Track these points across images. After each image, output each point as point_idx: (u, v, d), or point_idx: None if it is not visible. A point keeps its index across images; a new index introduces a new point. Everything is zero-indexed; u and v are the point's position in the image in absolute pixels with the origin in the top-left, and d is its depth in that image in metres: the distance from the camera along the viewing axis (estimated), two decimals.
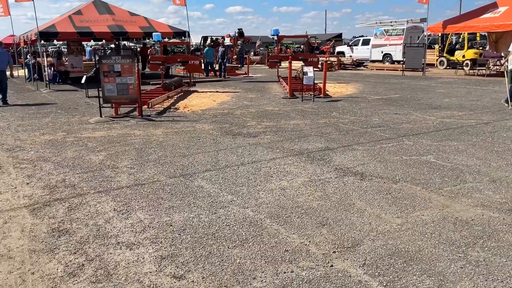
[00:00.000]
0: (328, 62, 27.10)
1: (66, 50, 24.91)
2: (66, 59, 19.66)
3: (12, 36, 25.03)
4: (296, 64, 22.77)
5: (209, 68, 20.43)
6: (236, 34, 36.63)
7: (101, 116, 9.35)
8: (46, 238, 3.59)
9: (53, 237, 3.60)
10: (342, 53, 32.86)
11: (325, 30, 78.72)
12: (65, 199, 4.50)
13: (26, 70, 21.17)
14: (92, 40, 29.10)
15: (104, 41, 26.25)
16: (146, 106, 10.14)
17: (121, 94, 9.27)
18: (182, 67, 16.40)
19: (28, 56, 21.69)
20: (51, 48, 36.58)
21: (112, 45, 24.63)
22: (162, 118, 9.48)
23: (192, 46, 16.52)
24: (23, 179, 5.19)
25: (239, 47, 33.52)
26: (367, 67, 26.66)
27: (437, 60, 24.77)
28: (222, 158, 6.04)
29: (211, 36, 25.04)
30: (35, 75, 19.33)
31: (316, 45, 18.73)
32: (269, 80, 18.83)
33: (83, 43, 25.47)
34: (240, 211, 4.11)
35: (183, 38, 20.92)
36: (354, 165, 5.61)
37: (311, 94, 13.08)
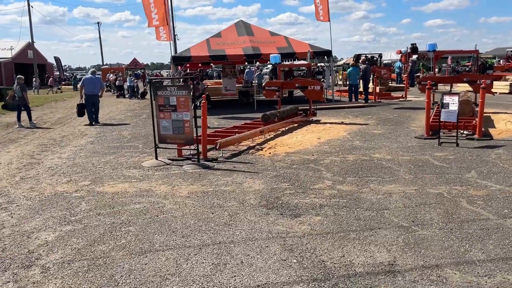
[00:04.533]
0: None
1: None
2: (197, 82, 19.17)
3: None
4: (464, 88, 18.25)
5: (353, 91, 17.56)
6: (408, 50, 32.23)
7: (156, 159, 7.81)
8: None
9: None
10: None
11: None
12: None
13: None
14: (256, 61, 28.99)
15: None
16: (217, 147, 8.20)
17: (176, 133, 7.56)
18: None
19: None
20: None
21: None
22: (224, 165, 7.41)
23: (319, 68, 14.06)
24: None
25: (410, 64, 29.35)
26: None
27: None
28: (186, 270, 3.61)
29: (366, 54, 21.92)
30: None
31: (487, 63, 14.10)
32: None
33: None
34: None
35: (326, 58, 18.64)
36: None
37: (462, 133, 9.33)
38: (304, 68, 13.61)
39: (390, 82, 28.51)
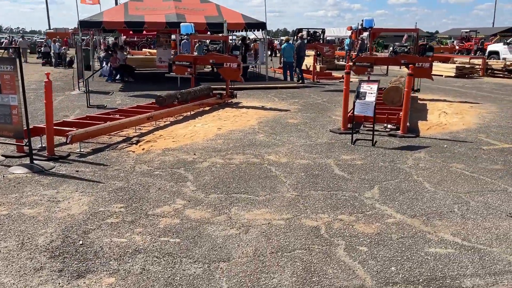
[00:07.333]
0: (468, 66, 20.11)
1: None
2: (115, 51, 16.97)
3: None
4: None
5: (287, 70, 15.92)
6: (359, 27, 30.86)
7: None
8: None
9: None
10: (496, 54, 24.92)
11: (493, 23, 65.12)
12: None
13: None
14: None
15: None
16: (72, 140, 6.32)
17: (2, 122, 5.64)
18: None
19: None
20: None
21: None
22: (68, 167, 5.60)
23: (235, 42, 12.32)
24: None
25: (360, 41, 28.04)
26: None
27: None
28: None
29: (308, 29, 20.17)
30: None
31: (428, 44, 13.10)
32: None
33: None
34: None
35: (260, 31, 16.83)
36: None
37: (386, 127, 7.96)
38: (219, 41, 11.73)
39: (339, 60, 27.13)
